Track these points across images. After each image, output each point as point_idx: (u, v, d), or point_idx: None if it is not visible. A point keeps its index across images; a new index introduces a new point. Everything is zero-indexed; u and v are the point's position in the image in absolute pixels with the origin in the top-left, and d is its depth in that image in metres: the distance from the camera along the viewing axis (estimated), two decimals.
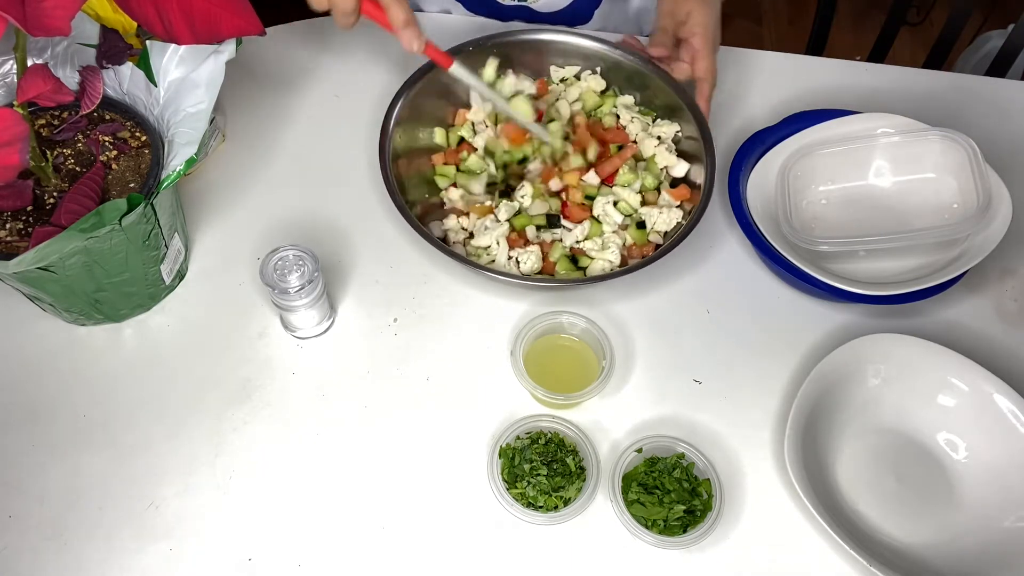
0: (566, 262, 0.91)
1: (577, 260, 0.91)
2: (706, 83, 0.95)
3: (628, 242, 0.93)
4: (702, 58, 0.95)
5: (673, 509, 0.78)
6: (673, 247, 0.87)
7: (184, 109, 0.81)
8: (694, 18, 0.94)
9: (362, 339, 0.90)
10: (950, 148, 0.93)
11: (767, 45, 2.20)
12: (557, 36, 1.01)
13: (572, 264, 0.91)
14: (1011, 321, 0.93)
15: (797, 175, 0.96)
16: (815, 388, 0.83)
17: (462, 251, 0.92)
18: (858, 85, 1.10)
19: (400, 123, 0.94)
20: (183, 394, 0.86)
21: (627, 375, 0.88)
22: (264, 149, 1.02)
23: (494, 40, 0.99)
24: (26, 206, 0.78)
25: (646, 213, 0.93)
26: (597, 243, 0.92)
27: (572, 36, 1.01)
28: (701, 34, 0.94)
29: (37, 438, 0.83)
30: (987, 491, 0.81)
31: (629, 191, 0.94)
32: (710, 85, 0.95)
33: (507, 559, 0.79)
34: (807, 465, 0.80)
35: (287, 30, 1.12)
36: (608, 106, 1.01)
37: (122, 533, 0.79)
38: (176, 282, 0.92)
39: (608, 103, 1.01)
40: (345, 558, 0.78)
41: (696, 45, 0.95)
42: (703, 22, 0.94)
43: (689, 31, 0.95)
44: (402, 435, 0.85)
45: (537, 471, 0.79)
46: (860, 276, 0.92)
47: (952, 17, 1.33)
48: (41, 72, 0.71)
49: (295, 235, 0.95)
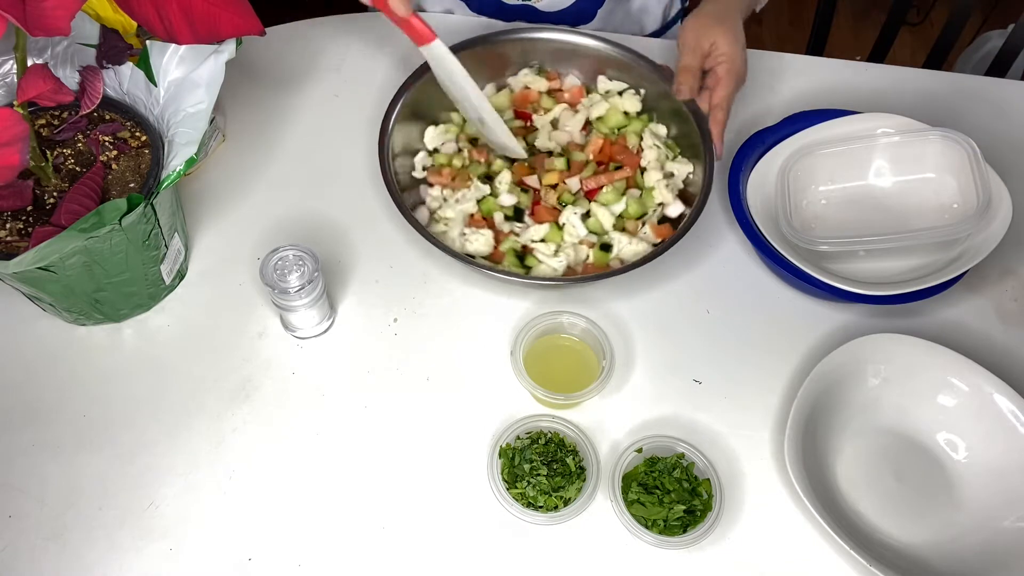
0: (513, 256, 0.91)
1: (524, 258, 0.91)
2: (720, 111, 0.93)
3: (588, 259, 0.92)
4: (723, 87, 0.93)
5: (673, 509, 0.78)
6: (671, 246, 0.87)
7: (184, 109, 0.81)
8: (719, 48, 0.93)
9: (362, 339, 0.90)
10: (950, 148, 0.93)
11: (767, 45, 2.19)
12: (612, 50, 1.00)
13: (517, 260, 0.91)
14: (1011, 321, 0.93)
15: (797, 175, 0.96)
16: (815, 388, 0.83)
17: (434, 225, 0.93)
18: (858, 85, 1.10)
19: (400, 122, 0.94)
20: (183, 394, 0.86)
21: (627, 375, 0.88)
22: (264, 149, 1.02)
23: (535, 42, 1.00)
24: (26, 206, 0.78)
25: (615, 238, 0.92)
26: (550, 248, 0.91)
27: (628, 55, 0.99)
28: (726, 64, 0.93)
29: (37, 438, 0.83)
30: (987, 491, 0.81)
31: (605, 211, 0.92)
32: (724, 114, 0.93)
33: (507, 559, 0.79)
34: (807, 465, 0.80)
35: (287, 30, 1.12)
36: (637, 127, 0.98)
37: (122, 533, 0.79)
38: (176, 282, 0.92)
39: (637, 125, 0.99)
40: (345, 558, 0.78)
41: (720, 73, 0.93)
42: (728, 52, 0.93)
43: (715, 60, 0.93)
44: (402, 435, 0.85)
45: (537, 471, 0.79)
46: (860, 276, 0.92)
47: (952, 17, 1.33)
48: (41, 72, 0.71)
49: (295, 235, 0.95)
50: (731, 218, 0.95)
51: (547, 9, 1.12)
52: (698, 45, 0.94)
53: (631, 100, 1.00)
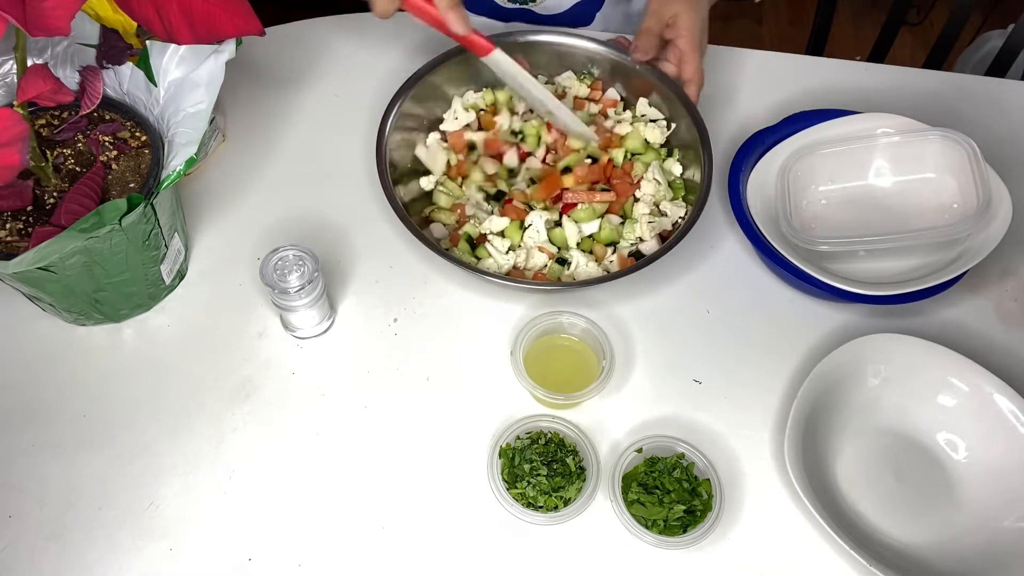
0: (465, 242, 0.91)
1: (476, 247, 0.92)
2: (693, 84, 0.95)
3: (540, 265, 0.91)
4: (689, 61, 0.94)
5: (673, 509, 0.78)
6: (672, 247, 0.87)
7: (184, 109, 0.81)
8: (681, 20, 0.94)
9: (362, 339, 0.90)
10: (950, 148, 0.93)
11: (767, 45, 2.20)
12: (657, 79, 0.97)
13: (469, 247, 0.91)
14: (1011, 321, 0.93)
15: (797, 175, 0.96)
16: (815, 388, 0.83)
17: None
18: (858, 85, 1.10)
19: (398, 126, 0.94)
20: (183, 394, 0.86)
21: (627, 375, 0.88)
22: (264, 149, 1.02)
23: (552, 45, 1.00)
24: (26, 206, 0.78)
25: (574, 256, 0.90)
26: (503, 244, 0.91)
27: (672, 88, 0.97)
28: (687, 37, 0.94)
29: (37, 438, 0.83)
30: (987, 491, 0.81)
31: (574, 227, 0.91)
32: (697, 87, 0.95)
33: (507, 559, 0.79)
34: (807, 465, 0.80)
35: (287, 30, 1.12)
36: (649, 158, 0.96)
37: (122, 533, 0.79)
38: (176, 282, 0.92)
39: (651, 156, 0.96)
40: (345, 558, 0.78)
41: (683, 47, 0.94)
42: (689, 25, 0.94)
43: (675, 33, 0.95)
44: (402, 435, 0.85)
45: (537, 471, 0.79)
46: (860, 276, 0.92)
47: (952, 17, 1.33)
48: (41, 72, 0.71)
49: (295, 235, 0.95)
50: (731, 218, 0.95)
51: (545, 12, 1.12)
52: (660, 12, 0.95)
53: (653, 131, 0.97)
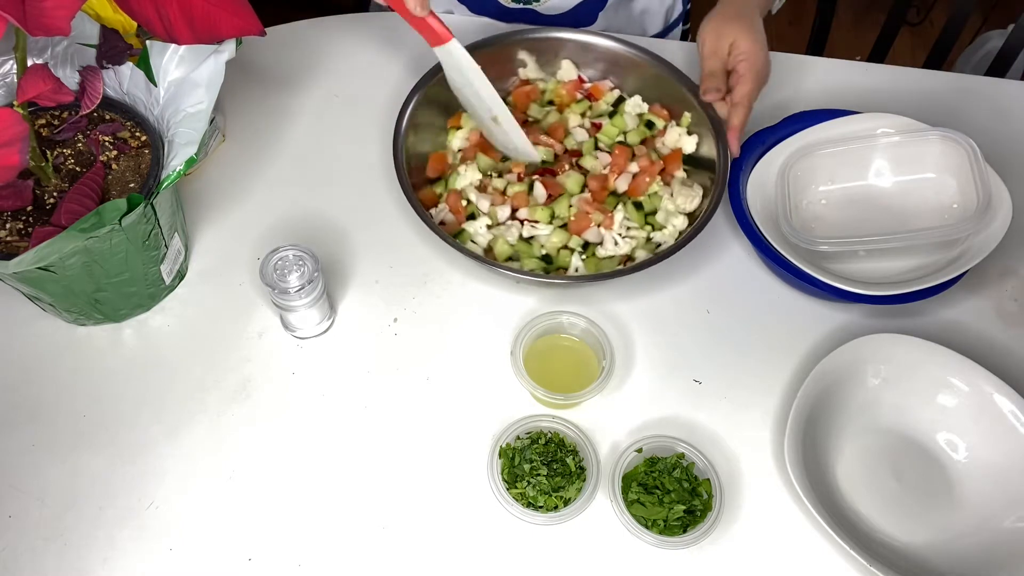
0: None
1: (475, 216, 0.93)
2: (741, 108, 0.92)
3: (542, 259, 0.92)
4: (743, 84, 0.92)
5: (673, 509, 0.78)
6: (677, 251, 0.87)
7: (184, 109, 0.81)
8: (739, 46, 0.93)
9: (362, 339, 0.90)
10: (950, 148, 0.93)
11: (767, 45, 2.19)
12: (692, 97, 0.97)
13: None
14: (1011, 321, 0.93)
15: (797, 175, 0.96)
16: (815, 388, 0.83)
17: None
18: (858, 85, 1.10)
19: (414, 120, 0.94)
20: (183, 394, 0.86)
21: (627, 375, 0.88)
22: (264, 149, 1.02)
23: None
24: (26, 206, 0.78)
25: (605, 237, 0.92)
26: (482, 223, 0.92)
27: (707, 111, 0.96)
28: (746, 61, 0.92)
29: (37, 438, 0.83)
30: (987, 491, 0.81)
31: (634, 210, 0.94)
32: (745, 111, 0.92)
33: (507, 559, 0.79)
34: (807, 465, 0.80)
35: (287, 30, 1.12)
36: (639, 135, 0.99)
37: (122, 533, 0.79)
38: (176, 282, 0.92)
39: (638, 135, 0.99)
40: (345, 558, 0.78)
41: (741, 71, 0.92)
42: (747, 48, 0.92)
43: (735, 60, 0.93)
44: (402, 435, 0.85)
45: (537, 471, 0.79)
46: (860, 276, 0.92)
47: (952, 17, 1.33)
48: (41, 72, 0.71)
49: (295, 235, 0.95)
50: (731, 218, 0.95)
51: (549, 12, 1.12)
52: (718, 47, 0.94)
53: (690, 141, 0.98)
